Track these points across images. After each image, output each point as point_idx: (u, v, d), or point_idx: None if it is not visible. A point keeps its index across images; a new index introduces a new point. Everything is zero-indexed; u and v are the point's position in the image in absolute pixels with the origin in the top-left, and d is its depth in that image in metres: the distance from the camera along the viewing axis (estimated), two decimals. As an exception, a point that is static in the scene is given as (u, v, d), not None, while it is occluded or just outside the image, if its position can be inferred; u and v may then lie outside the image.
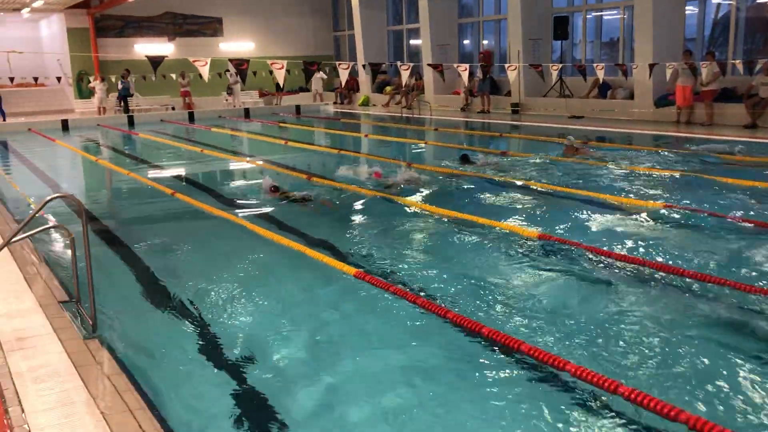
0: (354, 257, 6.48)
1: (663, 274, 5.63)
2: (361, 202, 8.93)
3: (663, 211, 7.74)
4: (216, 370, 4.25)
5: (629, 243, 6.56)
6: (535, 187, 9.45)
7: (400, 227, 7.61)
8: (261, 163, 12.84)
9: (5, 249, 5.08)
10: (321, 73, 25.65)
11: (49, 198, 4.68)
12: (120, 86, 23.80)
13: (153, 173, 12.26)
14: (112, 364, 4.05)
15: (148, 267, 6.45)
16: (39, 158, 14.98)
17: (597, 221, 7.53)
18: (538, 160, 11.80)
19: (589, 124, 16.80)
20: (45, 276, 5.78)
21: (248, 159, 13.28)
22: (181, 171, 12.58)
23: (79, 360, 4.05)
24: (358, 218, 8.21)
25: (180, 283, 5.89)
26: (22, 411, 3.44)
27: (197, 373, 4.24)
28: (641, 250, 6.33)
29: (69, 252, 5.55)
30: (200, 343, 4.68)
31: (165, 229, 7.96)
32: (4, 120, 20.51)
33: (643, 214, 7.64)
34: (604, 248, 6.34)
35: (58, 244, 7.12)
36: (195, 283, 5.86)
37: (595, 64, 16.20)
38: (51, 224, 5.26)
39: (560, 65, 16.78)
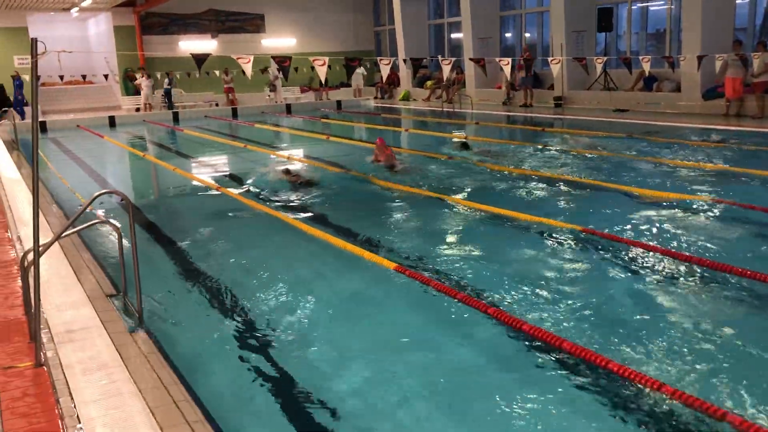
0: (392, 251, 6.48)
1: (709, 270, 5.50)
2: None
3: (710, 205, 7.56)
4: (259, 364, 4.30)
5: (678, 238, 6.42)
6: (576, 182, 9.32)
7: (429, 220, 7.59)
8: (301, 157, 12.93)
9: (55, 243, 5.22)
10: (361, 68, 25.69)
11: (97, 194, 4.79)
12: (166, 84, 24.32)
13: (197, 168, 12.46)
14: (158, 356, 4.13)
15: (193, 261, 6.56)
16: (87, 154, 15.36)
17: (642, 215, 7.38)
18: (576, 154, 11.63)
19: (635, 117, 16.47)
20: (93, 270, 5.92)
21: (289, 154, 13.38)
22: (224, 166, 12.75)
23: (126, 352, 4.14)
24: (390, 214, 8.21)
25: (223, 277, 5.97)
26: (72, 401, 3.53)
27: (240, 367, 4.29)
28: (690, 245, 6.19)
29: (116, 246, 5.69)
30: (243, 336, 4.75)
31: (209, 223, 8.08)
32: (23, 119, 20.96)
33: (691, 208, 7.46)
34: (651, 243, 6.22)
35: (106, 238, 7.29)
36: (237, 278, 5.95)
37: (641, 57, 15.86)
38: (99, 219, 5.38)
39: (605, 58, 16.46)
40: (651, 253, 6.00)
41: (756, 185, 8.67)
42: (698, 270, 5.56)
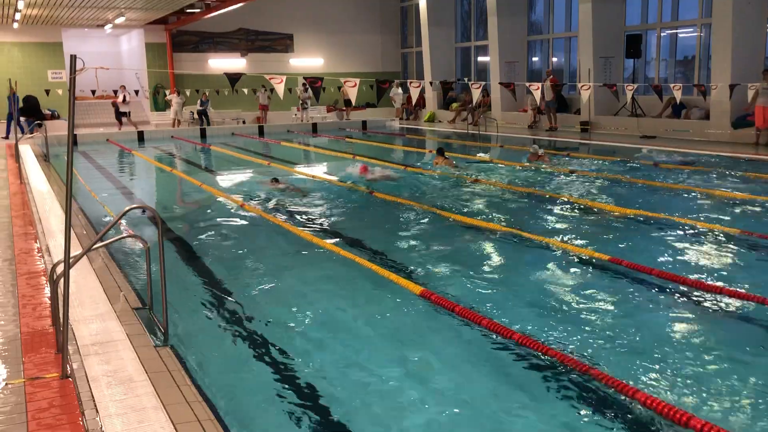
0: (418, 276, 6.46)
1: (737, 301, 5.40)
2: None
3: (738, 237, 7.45)
4: (285, 383, 4.29)
5: (706, 268, 6.34)
6: (602, 209, 9.24)
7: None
8: (324, 176, 12.99)
9: (84, 257, 5.28)
10: (400, 89, 25.85)
11: (128, 208, 4.85)
12: (199, 105, 24.67)
13: (223, 184, 12.57)
14: (182, 373, 4.14)
15: (219, 277, 6.59)
16: (116, 168, 15.58)
17: (670, 245, 7.30)
18: (602, 178, 11.56)
19: (662, 144, 16.34)
20: (120, 283, 5.98)
21: (314, 173, 13.46)
22: (249, 183, 12.83)
23: (151, 367, 4.16)
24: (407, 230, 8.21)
25: (249, 294, 6.00)
26: (97, 414, 3.55)
27: (265, 386, 4.29)
28: (717, 276, 6.10)
29: (143, 260, 5.74)
30: (270, 356, 4.75)
31: (234, 239, 8.13)
32: (23, 134, 20.41)
33: (718, 239, 7.36)
34: (677, 273, 6.14)
35: (133, 252, 7.36)
36: (264, 296, 5.96)
37: (672, 84, 15.76)
38: (127, 233, 5.44)
39: (635, 85, 16.38)
40: (679, 285, 5.92)
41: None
42: (728, 301, 5.47)
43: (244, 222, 9.15)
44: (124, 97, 23.59)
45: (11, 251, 6.98)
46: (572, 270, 6.48)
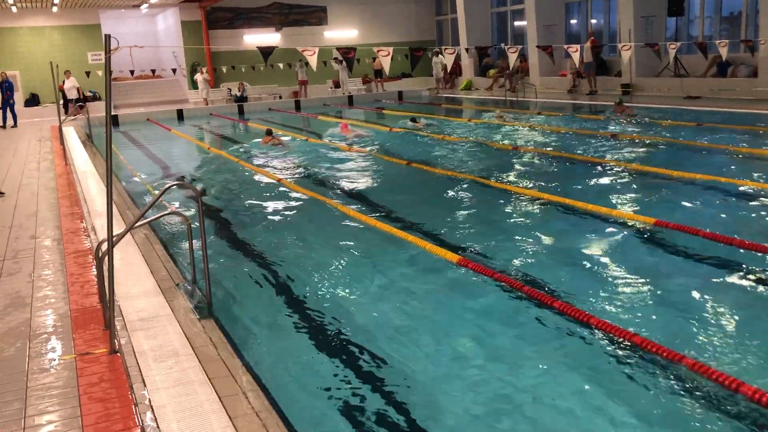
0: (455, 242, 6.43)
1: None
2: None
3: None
4: (326, 354, 4.34)
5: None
6: (647, 171, 9.04)
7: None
8: (360, 148, 12.96)
9: (128, 234, 5.38)
10: (441, 56, 25.47)
11: (168, 185, 4.91)
12: (238, 93, 24.75)
13: (261, 160, 12.64)
14: (226, 345, 4.21)
15: (260, 251, 6.67)
16: (157, 147, 15.80)
17: (718, 207, 7.11)
18: (646, 141, 11.28)
19: (707, 104, 15.83)
20: (163, 259, 6.08)
21: (350, 146, 13.44)
22: (286, 158, 12.89)
23: (195, 341, 4.23)
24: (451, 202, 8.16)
25: (290, 267, 6.05)
26: (145, 387, 3.63)
27: (307, 357, 4.34)
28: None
29: (185, 236, 5.82)
30: (313, 326, 4.79)
31: (273, 214, 8.20)
32: (15, 125, 20.10)
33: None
34: (728, 236, 5.98)
35: (175, 228, 7.48)
36: (304, 268, 6.01)
37: (717, 41, 15.22)
38: (169, 210, 5.52)
39: (678, 44, 15.85)
40: (729, 246, 5.77)
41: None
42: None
43: (281, 196, 9.20)
44: (79, 91, 22.59)
45: (59, 231, 7.15)
46: (615, 234, 6.37)
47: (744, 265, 5.36)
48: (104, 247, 4.37)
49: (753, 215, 6.81)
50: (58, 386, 3.71)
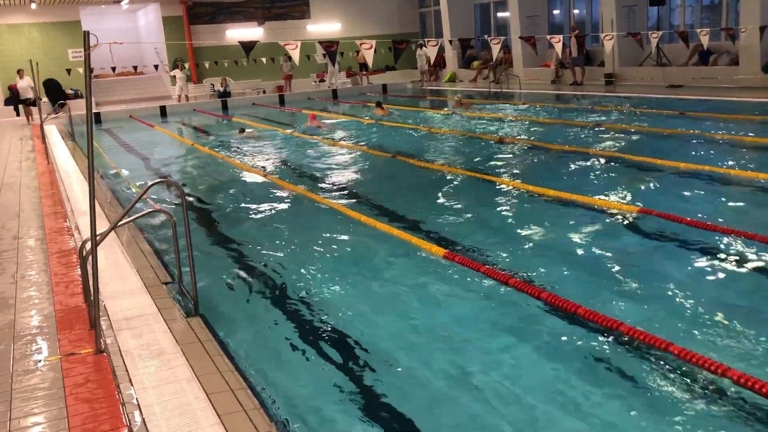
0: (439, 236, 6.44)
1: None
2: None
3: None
4: (314, 350, 4.33)
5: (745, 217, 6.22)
6: (630, 160, 9.09)
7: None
8: (346, 143, 12.93)
9: (112, 233, 5.34)
10: (425, 49, 25.34)
11: (152, 183, 4.86)
12: (221, 89, 24.54)
13: (245, 156, 12.58)
14: (214, 343, 4.19)
15: (245, 248, 6.63)
16: (140, 144, 15.67)
17: (702, 194, 7.16)
18: (632, 131, 11.34)
19: (689, 93, 15.92)
20: (148, 258, 6.04)
21: (335, 140, 13.40)
22: (271, 154, 12.84)
23: (182, 339, 4.21)
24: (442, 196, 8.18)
25: (275, 263, 6.03)
26: (132, 387, 3.61)
27: (295, 353, 4.33)
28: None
29: (170, 234, 5.78)
30: (299, 323, 4.78)
31: (258, 210, 8.16)
32: None
33: (751, 186, 7.20)
34: (720, 225, 6.03)
35: (160, 227, 7.42)
36: (290, 264, 5.99)
37: (698, 30, 15.29)
38: (153, 208, 5.48)
39: (660, 33, 15.92)
40: (714, 234, 5.82)
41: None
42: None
43: (267, 192, 9.16)
44: (34, 91, 19.17)
45: (42, 231, 7.09)
46: (601, 222, 6.40)
47: (727, 251, 5.41)
48: (88, 246, 4.33)
49: (736, 203, 6.86)
50: (43, 387, 3.68)
